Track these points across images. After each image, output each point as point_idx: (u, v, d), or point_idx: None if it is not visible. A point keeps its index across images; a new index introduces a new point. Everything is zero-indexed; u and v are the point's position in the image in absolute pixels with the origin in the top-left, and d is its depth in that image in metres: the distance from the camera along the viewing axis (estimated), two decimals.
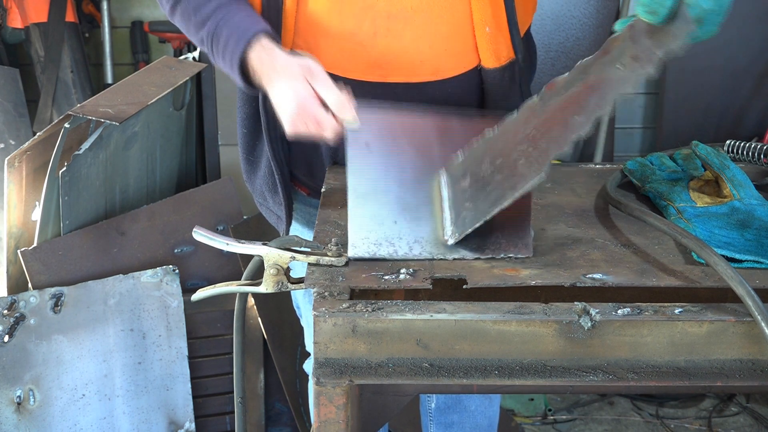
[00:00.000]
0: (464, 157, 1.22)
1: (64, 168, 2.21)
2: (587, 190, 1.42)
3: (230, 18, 1.40)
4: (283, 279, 1.10)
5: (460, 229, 1.15)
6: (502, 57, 1.52)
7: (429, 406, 1.96)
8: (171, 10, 1.48)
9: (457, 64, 1.52)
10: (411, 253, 1.14)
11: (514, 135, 1.18)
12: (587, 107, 1.10)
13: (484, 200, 1.16)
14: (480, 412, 1.94)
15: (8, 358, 2.15)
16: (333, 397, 0.98)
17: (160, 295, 2.30)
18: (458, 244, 1.15)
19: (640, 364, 0.98)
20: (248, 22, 1.39)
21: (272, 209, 1.63)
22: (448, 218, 1.19)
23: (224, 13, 1.41)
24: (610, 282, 1.05)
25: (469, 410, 1.93)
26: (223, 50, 1.40)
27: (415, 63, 1.49)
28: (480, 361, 0.98)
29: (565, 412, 2.89)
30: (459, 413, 1.93)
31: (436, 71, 1.51)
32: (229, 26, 1.39)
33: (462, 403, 1.92)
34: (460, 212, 1.18)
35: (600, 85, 1.10)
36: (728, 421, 2.84)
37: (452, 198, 1.20)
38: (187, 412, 2.30)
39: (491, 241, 1.15)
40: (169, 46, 3.54)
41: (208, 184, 2.59)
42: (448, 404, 1.93)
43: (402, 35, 1.47)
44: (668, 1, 1.07)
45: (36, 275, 2.25)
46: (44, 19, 3.24)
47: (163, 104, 2.65)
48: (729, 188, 1.28)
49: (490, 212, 1.13)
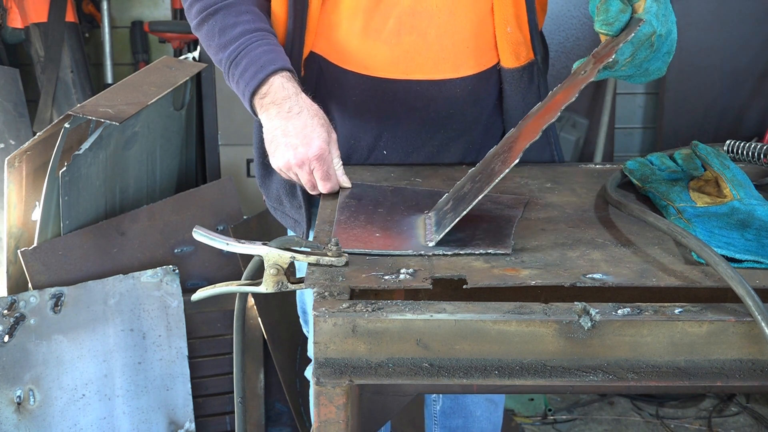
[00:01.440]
0: (449, 192, 1.31)
1: (64, 168, 2.21)
2: (587, 190, 1.42)
3: (252, 49, 1.42)
4: (283, 279, 1.10)
5: (441, 231, 1.18)
6: (522, 57, 1.55)
7: (434, 409, 1.95)
8: (197, 26, 1.49)
9: (477, 62, 1.55)
10: (390, 251, 1.16)
11: (493, 156, 1.29)
12: (556, 109, 1.20)
13: (462, 203, 1.20)
14: (485, 418, 1.93)
15: (8, 358, 2.15)
16: (333, 397, 0.98)
17: (160, 295, 2.30)
18: (440, 244, 1.16)
19: (640, 364, 0.98)
20: (268, 57, 1.40)
21: (289, 213, 1.62)
22: (431, 228, 1.22)
23: (248, 41, 1.43)
24: (610, 282, 1.05)
25: (474, 415, 1.93)
26: (239, 78, 1.41)
27: (438, 60, 1.52)
28: (480, 361, 0.98)
29: (565, 412, 2.89)
30: (464, 418, 1.93)
31: (457, 68, 1.53)
32: (249, 56, 1.41)
33: (467, 408, 1.92)
34: (441, 221, 1.22)
35: (568, 93, 1.22)
36: (728, 421, 2.84)
37: (435, 219, 1.25)
38: (187, 412, 2.30)
39: (473, 243, 1.17)
40: (169, 46, 3.54)
41: (208, 184, 2.59)
42: (453, 408, 1.93)
43: (426, 32, 1.49)
44: (623, 16, 1.21)
45: (36, 275, 2.25)
46: (44, 19, 3.24)
47: (163, 104, 2.65)
48: (729, 188, 1.28)
49: (469, 207, 1.16)
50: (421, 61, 1.51)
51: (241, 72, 1.41)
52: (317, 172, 1.36)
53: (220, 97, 3.01)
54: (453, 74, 1.54)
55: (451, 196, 1.28)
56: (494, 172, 1.20)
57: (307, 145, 1.35)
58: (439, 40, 1.50)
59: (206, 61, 2.94)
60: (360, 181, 1.44)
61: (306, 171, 1.37)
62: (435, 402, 1.94)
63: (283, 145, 1.36)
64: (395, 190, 1.42)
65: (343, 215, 1.29)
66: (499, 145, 1.30)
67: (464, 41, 1.52)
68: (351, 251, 1.14)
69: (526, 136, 1.20)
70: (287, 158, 1.36)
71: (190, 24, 1.50)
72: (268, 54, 1.41)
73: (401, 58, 1.51)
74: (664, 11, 1.22)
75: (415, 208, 1.31)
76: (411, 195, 1.38)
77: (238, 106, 3.01)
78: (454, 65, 1.53)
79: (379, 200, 1.36)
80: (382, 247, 1.15)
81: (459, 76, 1.54)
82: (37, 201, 2.29)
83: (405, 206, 1.32)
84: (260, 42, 1.43)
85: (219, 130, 3.05)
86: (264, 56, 1.40)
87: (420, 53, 1.51)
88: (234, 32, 1.43)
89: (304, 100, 1.38)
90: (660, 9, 1.21)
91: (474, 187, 1.22)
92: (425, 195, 1.37)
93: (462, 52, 1.52)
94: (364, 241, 1.17)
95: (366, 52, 1.51)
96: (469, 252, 1.14)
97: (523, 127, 1.28)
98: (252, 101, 1.40)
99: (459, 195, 1.25)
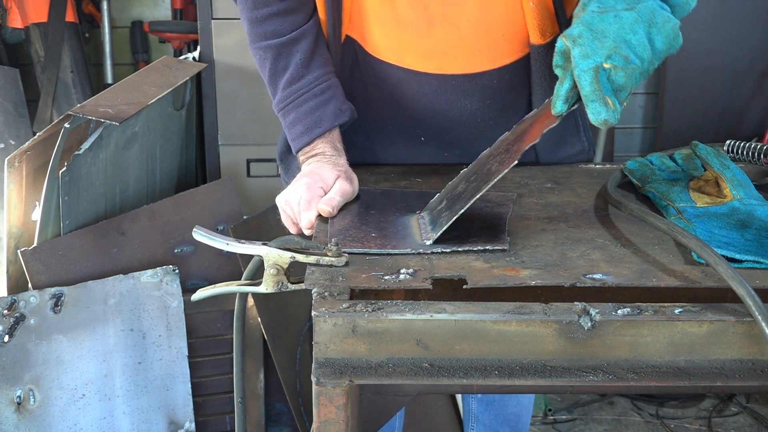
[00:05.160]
0: (440, 192, 1.30)
1: (64, 168, 2.21)
2: (587, 190, 1.42)
3: (300, 104, 1.47)
4: (283, 279, 1.10)
5: (437, 230, 1.18)
6: (547, 33, 1.48)
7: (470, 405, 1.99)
8: (249, 42, 1.51)
9: (512, 50, 1.50)
10: (388, 250, 1.16)
11: (487, 157, 1.28)
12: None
13: (458, 202, 1.20)
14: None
15: (8, 358, 2.15)
16: (333, 397, 0.98)
17: (160, 295, 2.30)
18: (436, 243, 1.16)
19: (640, 364, 0.98)
20: (314, 118, 1.45)
21: None
22: (426, 227, 1.22)
23: (295, 95, 1.47)
24: (610, 282, 1.05)
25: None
26: (287, 127, 1.48)
27: (473, 52, 1.47)
28: (480, 361, 0.98)
29: (565, 412, 2.89)
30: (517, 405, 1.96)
31: (493, 59, 1.49)
32: (297, 112, 1.47)
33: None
34: (437, 220, 1.21)
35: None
36: (728, 421, 2.84)
37: (430, 219, 1.24)
38: (187, 412, 2.30)
39: (470, 241, 1.17)
40: (169, 46, 3.54)
41: (208, 184, 2.59)
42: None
43: (458, 22, 1.44)
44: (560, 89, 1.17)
45: (36, 275, 2.25)
46: (44, 19, 3.24)
47: (163, 104, 2.65)
48: (729, 188, 1.28)
49: (466, 205, 1.16)
50: (456, 54, 1.47)
51: (289, 125, 1.48)
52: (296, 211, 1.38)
53: (220, 97, 3.01)
54: (489, 66, 1.49)
55: (444, 196, 1.28)
56: (491, 172, 1.20)
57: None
58: (473, 30, 1.45)
59: (206, 61, 2.95)
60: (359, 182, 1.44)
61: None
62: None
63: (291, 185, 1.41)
64: (384, 192, 1.42)
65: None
66: (493, 147, 1.30)
67: (498, 28, 1.46)
68: (350, 251, 1.14)
69: (527, 138, 1.20)
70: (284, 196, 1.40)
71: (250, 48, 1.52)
72: (314, 112, 1.45)
73: (434, 51, 1.47)
74: (591, 36, 1.13)
75: (406, 209, 1.31)
76: (400, 196, 1.38)
77: (238, 106, 3.03)
78: (490, 56, 1.48)
79: (370, 203, 1.36)
80: (380, 247, 1.16)
81: (495, 67, 1.50)
82: (37, 201, 2.29)
83: (396, 208, 1.33)
84: (307, 96, 1.46)
85: (219, 130, 3.04)
86: (310, 115, 1.45)
87: (454, 46, 1.46)
88: (283, 79, 1.48)
89: (336, 161, 1.44)
90: (585, 44, 1.12)
91: (470, 186, 1.22)
92: (414, 196, 1.37)
93: (497, 41, 1.47)
94: (362, 242, 1.17)
95: (397, 43, 1.48)
96: (467, 249, 1.14)
97: (519, 130, 1.27)
98: (297, 154, 1.50)
99: (453, 194, 1.25)
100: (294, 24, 1.46)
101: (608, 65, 1.11)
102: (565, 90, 1.16)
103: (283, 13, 1.45)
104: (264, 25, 1.46)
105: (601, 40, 1.12)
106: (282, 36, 1.46)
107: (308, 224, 1.32)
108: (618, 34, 1.13)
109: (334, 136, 1.47)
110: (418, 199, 1.34)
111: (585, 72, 1.11)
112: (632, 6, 1.16)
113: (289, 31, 1.46)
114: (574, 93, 1.16)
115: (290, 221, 1.40)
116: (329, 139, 1.46)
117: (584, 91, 1.11)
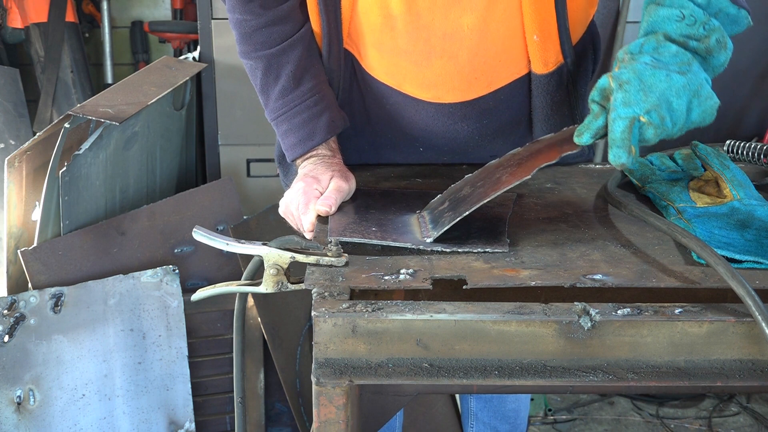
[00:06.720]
0: (442, 194, 1.31)
1: (64, 168, 2.21)
2: (587, 190, 1.42)
3: (291, 116, 1.47)
4: (283, 279, 1.10)
5: (439, 229, 1.18)
6: (550, 63, 1.48)
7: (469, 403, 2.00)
8: (240, 53, 1.51)
9: (509, 73, 1.50)
10: (389, 242, 1.16)
11: (496, 167, 1.28)
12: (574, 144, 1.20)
13: (463, 204, 1.21)
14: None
15: (8, 358, 2.15)
16: (333, 397, 0.98)
17: (160, 295, 2.30)
18: (437, 241, 1.16)
19: (640, 364, 0.98)
20: (306, 131, 1.46)
21: None
22: (427, 225, 1.22)
23: (287, 107, 1.48)
24: (610, 282, 1.05)
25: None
26: (281, 136, 1.50)
27: (470, 81, 1.47)
28: (480, 361, 0.98)
29: (565, 412, 2.89)
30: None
31: (489, 84, 1.49)
32: (290, 123, 1.48)
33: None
34: (438, 219, 1.22)
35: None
36: (728, 421, 2.84)
37: (431, 218, 1.24)
38: (187, 412, 2.30)
39: (470, 241, 1.17)
40: (169, 46, 3.54)
41: (208, 184, 2.58)
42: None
43: (458, 55, 1.44)
44: (594, 123, 1.17)
45: (36, 275, 2.25)
46: (44, 19, 3.24)
47: (163, 104, 2.65)
48: (729, 188, 1.28)
49: (472, 208, 1.17)
50: (454, 84, 1.47)
51: (282, 135, 1.49)
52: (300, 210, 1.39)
53: (220, 97, 3.01)
54: (486, 90, 1.49)
55: (447, 197, 1.28)
56: (501, 181, 1.20)
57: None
58: (471, 62, 1.45)
59: (206, 61, 2.95)
60: (358, 182, 1.44)
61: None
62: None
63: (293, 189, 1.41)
64: (384, 192, 1.42)
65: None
66: (503, 159, 1.30)
67: (496, 57, 1.46)
68: (350, 240, 1.14)
69: (543, 158, 1.20)
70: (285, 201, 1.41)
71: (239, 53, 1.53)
72: (307, 125, 1.46)
73: (432, 82, 1.47)
74: (639, 86, 1.13)
75: (406, 208, 1.32)
76: (400, 196, 1.39)
77: (238, 106, 3.03)
78: (487, 82, 1.48)
79: (370, 202, 1.36)
80: (380, 239, 1.16)
81: (491, 91, 1.50)
82: (37, 201, 2.29)
83: (396, 207, 1.33)
84: (299, 108, 1.47)
85: (219, 130, 3.04)
86: (303, 128, 1.47)
87: (452, 77, 1.46)
88: (275, 89, 1.48)
89: (331, 161, 1.45)
90: (630, 92, 1.13)
91: (476, 191, 1.22)
92: (414, 196, 1.38)
93: (494, 68, 1.47)
94: (362, 233, 1.18)
95: (396, 69, 1.48)
96: (467, 250, 1.14)
97: (534, 149, 1.27)
98: (293, 161, 1.51)
99: (457, 197, 1.25)
100: (283, 35, 1.46)
101: (645, 119, 1.12)
102: (597, 126, 1.17)
103: (271, 23, 1.46)
104: (254, 35, 1.46)
105: (647, 93, 1.12)
106: (272, 47, 1.46)
107: (309, 227, 1.32)
108: (664, 94, 1.13)
109: (326, 145, 1.48)
110: (418, 199, 1.35)
111: (622, 119, 1.12)
112: (684, 71, 1.16)
113: (278, 42, 1.46)
114: (603, 130, 1.17)
115: (296, 227, 1.41)
116: (320, 151, 1.47)
117: (613, 134, 1.12)
